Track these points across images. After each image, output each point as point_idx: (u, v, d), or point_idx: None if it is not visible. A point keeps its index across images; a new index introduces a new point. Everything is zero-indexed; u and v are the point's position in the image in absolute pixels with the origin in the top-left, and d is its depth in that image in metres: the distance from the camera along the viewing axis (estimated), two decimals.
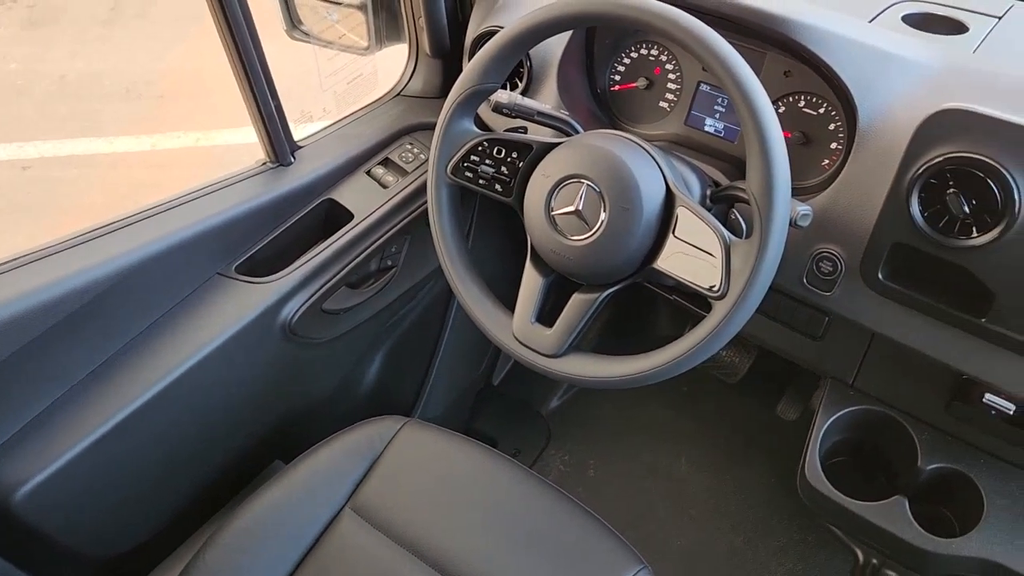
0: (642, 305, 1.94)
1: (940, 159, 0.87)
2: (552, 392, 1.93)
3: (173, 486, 1.21)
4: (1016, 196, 0.84)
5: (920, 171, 0.89)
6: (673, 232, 0.91)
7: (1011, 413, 1.00)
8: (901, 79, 0.98)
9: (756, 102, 0.83)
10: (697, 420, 1.88)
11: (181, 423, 1.15)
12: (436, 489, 1.13)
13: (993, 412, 1.01)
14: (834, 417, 1.14)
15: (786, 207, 0.85)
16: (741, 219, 1.02)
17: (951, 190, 0.87)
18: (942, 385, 1.05)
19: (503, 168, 1.02)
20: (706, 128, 1.19)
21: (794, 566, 1.62)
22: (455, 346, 1.65)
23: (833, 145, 1.08)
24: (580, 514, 1.09)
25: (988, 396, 1.00)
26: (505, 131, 1.13)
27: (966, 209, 0.87)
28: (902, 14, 1.16)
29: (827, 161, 1.09)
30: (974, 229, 0.88)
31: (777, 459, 1.78)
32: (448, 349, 1.64)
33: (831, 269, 1.02)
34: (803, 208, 0.92)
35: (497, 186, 1.03)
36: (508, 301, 1.05)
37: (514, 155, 1.01)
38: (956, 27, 1.15)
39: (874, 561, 1.59)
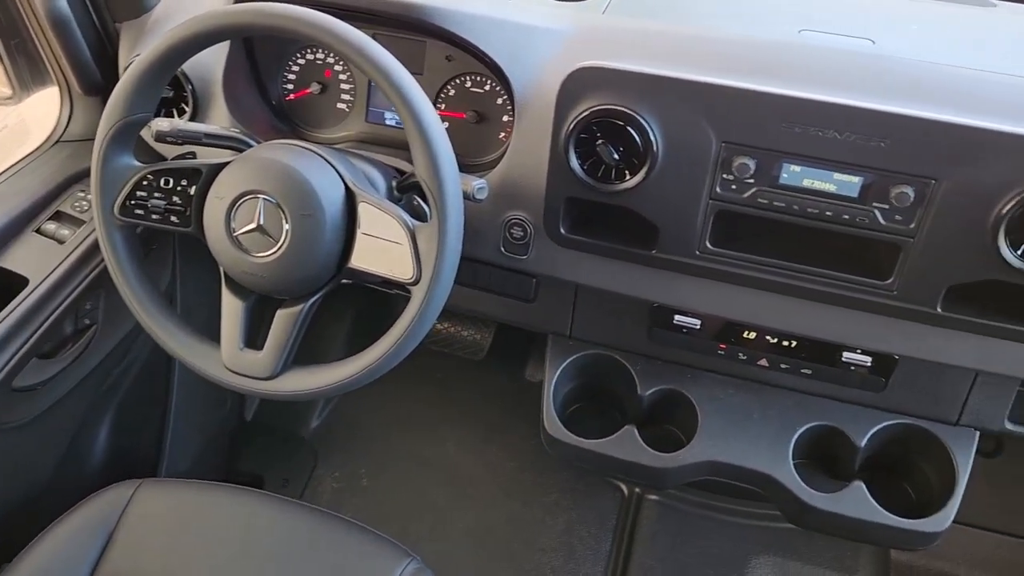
0: (387, 298, 1.95)
1: (585, 114, 0.95)
2: (310, 413, 1.89)
3: None
4: (652, 139, 0.94)
5: (571, 128, 0.96)
6: (359, 228, 0.92)
7: (697, 328, 1.12)
8: (544, 47, 1.05)
9: (402, 88, 0.86)
10: (456, 403, 1.92)
11: None
12: (189, 545, 1.06)
13: (684, 331, 1.13)
14: (560, 369, 1.22)
15: (455, 185, 0.88)
16: (424, 204, 1.05)
17: (600, 141, 0.95)
18: (640, 317, 1.15)
19: (175, 198, 0.97)
20: (387, 122, 1.21)
21: (569, 516, 1.71)
22: (189, 391, 1.56)
23: (505, 118, 1.14)
24: (343, 528, 1.08)
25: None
26: (173, 159, 1.08)
27: (616, 156, 0.95)
28: None
29: (503, 134, 1.14)
30: (627, 173, 0.97)
31: (536, 420, 1.86)
32: (182, 396, 1.55)
33: (522, 234, 1.08)
34: (478, 182, 0.96)
35: (173, 217, 0.98)
36: None
37: (183, 183, 0.97)
38: None
39: (636, 491, 1.72)
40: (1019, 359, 1.01)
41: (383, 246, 0.91)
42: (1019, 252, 0.89)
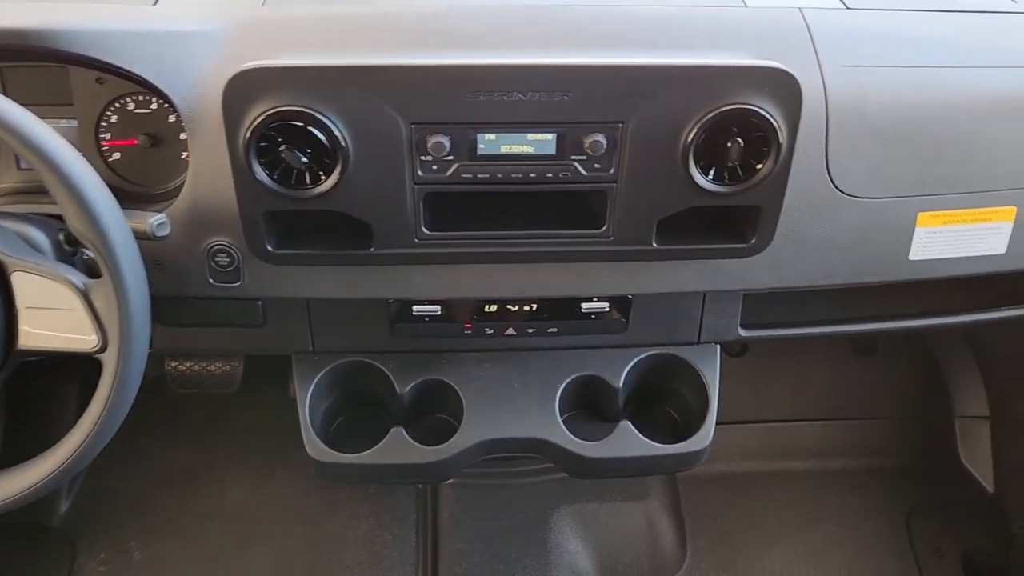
0: None
1: (259, 120, 0.86)
2: (55, 498, 1.66)
3: None
4: (338, 135, 0.87)
5: (247, 138, 0.87)
6: (19, 302, 0.78)
7: (438, 314, 1.09)
8: (201, 53, 0.94)
9: (20, 131, 0.73)
10: (223, 441, 1.78)
11: None
12: None
13: (426, 320, 1.09)
14: (312, 388, 1.14)
15: (121, 230, 0.77)
16: None
17: (283, 147, 0.87)
18: (379, 315, 1.09)
19: None
20: None
21: (369, 524, 1.64)
22: None
23: (183, 136, 1.02)
24: None
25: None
26: None
27: (304, 160, 0.88)
28: None
29: (185, 154, 1.03)
30: (321, 175, 0.89)
31: None
32: None
33: (228, 260, 0.99)
34: (155, 218, 0.85)
35: None
36: None
37: None
38: None
39: (419, 485, 1.68)
40: (735, 274, 1.07)
41: (54, 316, 0.78)
42: (710, 176, 0.92)
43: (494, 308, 1.10)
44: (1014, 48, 1.07)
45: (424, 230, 0.95)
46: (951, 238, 1.07)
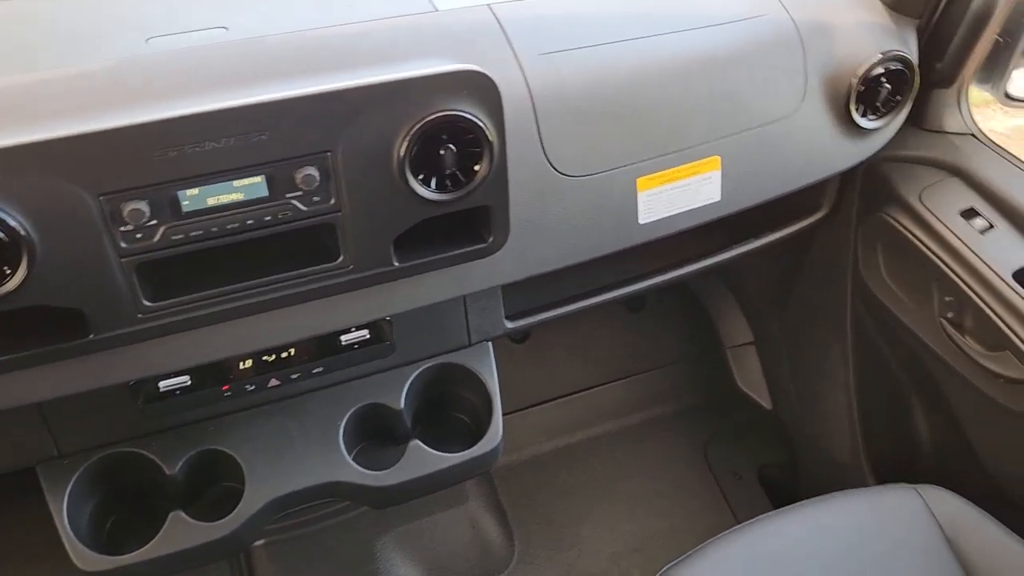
0: None
1: None
2: None
3: None
4: (17, 225, 0.77)
5: None
6: None
7: (189, 384, 1.01)
8: None
9: None
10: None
11: None
12: None
13: (179, 392, 1.01)
14: (66, 497, 1.03)
15: None
16: None
17: None
18: (125, 401, 1.00)
19: None
20: None
21: None
22: None
23: None
24: None
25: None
26: None
27: None
28: None
29: None
30: (6, 270, 0.79)
31: None
32: None
33: None
34: None
35: None
36: None
37: None
38: None
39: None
40: (485, 273, 1.08)
41: None
42: (432, 187, 0.92)
43: (249, 363, 1.04)
44: (686, 13, 1.15)
45: (145, 303, 0.87)
46: (672, 196, 1.14)
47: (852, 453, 1.59)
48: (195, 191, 0.84)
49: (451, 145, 0.90)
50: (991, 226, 1.24)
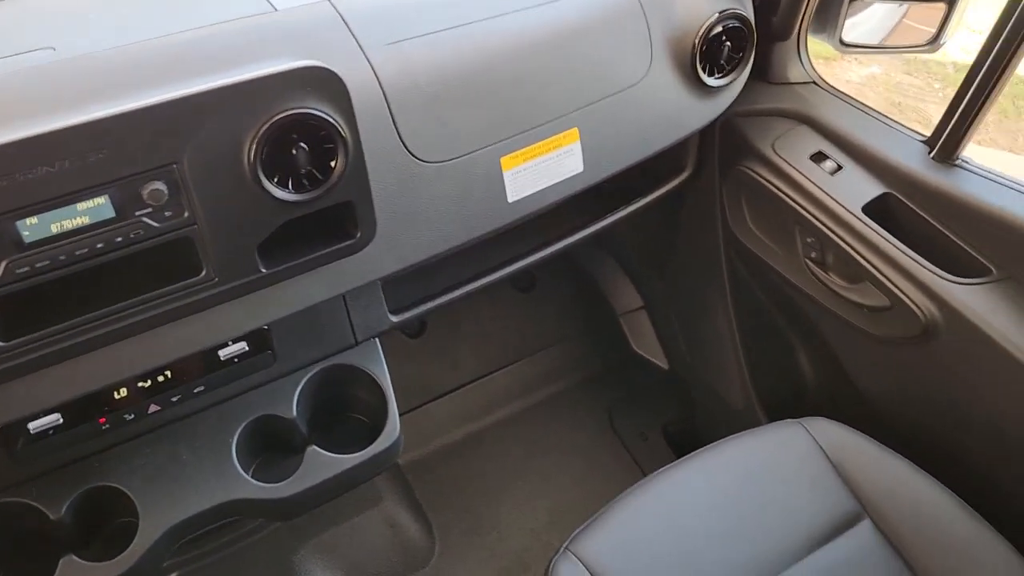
0: None
1: None
2: None
3: None
4: None
5: None
6: None
7: (61, 422, 0.97)
8: None
9: None
10: None
11: None
12: None
13: (51, 432, 0.97)
14: None
15: None
16: None
17: None
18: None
19: None
20: None
21: None
22: None
23: None
24: None
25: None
26: None
27: None
28: None
29: None
30: None
31: None
32: None
33: None
34: None
35: None
36: None
37: None
38: None
39: None
40: (360, 268, 1.07)
41: None
42: (289, 188, 0.91)
43: (124, 392, 1.00)
44: None
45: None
46: (537, 172, 1.16)
47: (745, 398, 1.66)
48: (35, 220, 0.80)
49: (303, 144, 0.89)
50: (839, 167, 1.31)
